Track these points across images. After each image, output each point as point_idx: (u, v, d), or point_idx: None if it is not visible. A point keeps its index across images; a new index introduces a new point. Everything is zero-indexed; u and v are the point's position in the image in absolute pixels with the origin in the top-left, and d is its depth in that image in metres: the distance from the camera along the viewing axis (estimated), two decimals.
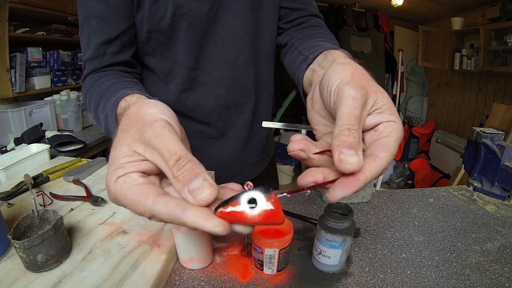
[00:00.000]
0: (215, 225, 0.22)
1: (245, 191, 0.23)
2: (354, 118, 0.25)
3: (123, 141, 0.26)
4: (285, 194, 0.25)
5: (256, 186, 0.23)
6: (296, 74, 0.47)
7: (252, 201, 0.22)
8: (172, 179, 0.24)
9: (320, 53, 0.42)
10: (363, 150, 0.26)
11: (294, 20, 0.65)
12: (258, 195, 0.22)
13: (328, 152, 0.26)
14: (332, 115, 0.30)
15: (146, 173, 0.26)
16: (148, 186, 0.24)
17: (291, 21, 0.66)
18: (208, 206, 0.23)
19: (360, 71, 0.30)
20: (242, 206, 0.22)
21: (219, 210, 0.23)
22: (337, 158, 0.23)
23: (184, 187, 0.23)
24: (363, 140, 0.27)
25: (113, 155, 0.26)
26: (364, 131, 0.27)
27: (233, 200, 0.22)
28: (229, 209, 0.22)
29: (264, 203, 0.22)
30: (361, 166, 0.23)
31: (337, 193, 0.24)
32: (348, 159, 0.23)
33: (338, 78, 0.28)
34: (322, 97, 0.31)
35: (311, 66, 0.42)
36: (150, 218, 0.24)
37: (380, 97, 0.27)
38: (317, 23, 0.65)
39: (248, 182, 0.25)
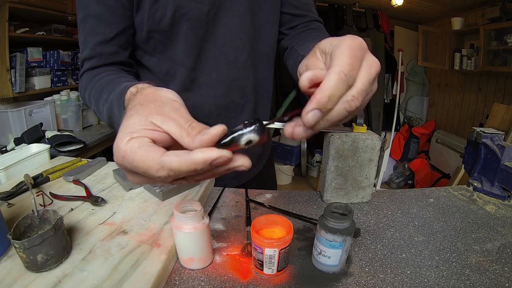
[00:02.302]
0: (221, 151, 0.26)
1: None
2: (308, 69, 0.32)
3: (141, 112, 0.29)
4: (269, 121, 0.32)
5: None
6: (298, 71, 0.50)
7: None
8: (185, 137, 0.27)
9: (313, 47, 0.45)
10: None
11: (297, 26, 0.69)
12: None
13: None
14: None
15: (156, 142, 0.29)
16: (157, 146, 0.28)
17: (294, 27, 0.69)
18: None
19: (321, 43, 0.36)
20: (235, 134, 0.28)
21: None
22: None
23: (196, 135, 0.27)
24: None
25: (129, 121, 0.29)
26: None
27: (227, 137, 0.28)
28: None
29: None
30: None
31: (308, 108, 0.27)
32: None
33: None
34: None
35: None
36: (157, 171, 0.26)
37: (327, 44, 0.31)
38: (318, 27, 0.69)
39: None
